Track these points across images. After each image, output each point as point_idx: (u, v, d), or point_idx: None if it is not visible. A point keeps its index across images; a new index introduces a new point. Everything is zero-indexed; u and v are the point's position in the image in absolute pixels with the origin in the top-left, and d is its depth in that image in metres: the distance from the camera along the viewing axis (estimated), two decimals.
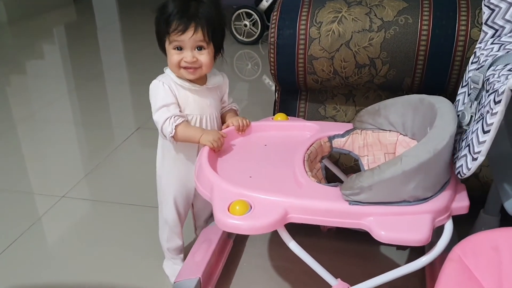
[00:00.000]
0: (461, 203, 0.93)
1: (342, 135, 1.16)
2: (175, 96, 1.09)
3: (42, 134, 2.21)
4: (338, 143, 1.15)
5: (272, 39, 1.30)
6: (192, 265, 1.18)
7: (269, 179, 1.02)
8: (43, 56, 3.55)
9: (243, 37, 3.32)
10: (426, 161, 0.85)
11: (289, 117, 1.27)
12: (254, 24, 3.29)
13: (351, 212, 0.89)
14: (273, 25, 1.31)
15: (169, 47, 1.07)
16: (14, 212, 1.62)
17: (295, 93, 1.42)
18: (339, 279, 0.98)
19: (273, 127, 1.23)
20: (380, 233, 0.85)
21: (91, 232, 1.51)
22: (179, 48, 1.06)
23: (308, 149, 1.10)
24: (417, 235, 0.84)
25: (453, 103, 1.08)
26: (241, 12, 3.28)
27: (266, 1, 3.27)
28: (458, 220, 0.97)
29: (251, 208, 0.90)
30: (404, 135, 1.11)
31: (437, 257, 0.90)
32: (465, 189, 0.97)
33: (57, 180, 1.79)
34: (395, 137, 1.12)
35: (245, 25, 3.29)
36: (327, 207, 0.90)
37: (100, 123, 2.32)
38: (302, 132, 1.20)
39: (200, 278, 1.13)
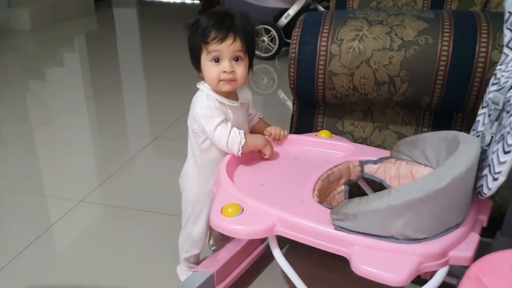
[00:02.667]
0: (463, 253, 0.87)
1: (375, 162, 1.13)
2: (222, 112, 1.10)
3: (60, 140, 2.25)
4: (370, 169, 1.14)
5: (293, 54, 1.32)
6: (212, 260, 1.20)
7: (277, 190, 1.03)
8: (63, 63, 3.62)
9: (260, 52, 3.36)
10: (415, 199, 0.81)
11: (333, 135, 1.28)
12: (272, 40, 3.33)
13: (334, 237, 0.88)
14: (294, 41, 1.33)
15: (206, 59, 1.08)
16: (32, 214, 1.64)
17: (313, 108, 1.44)
18: None
19: (309, 142, 1.24)
20: (360, 266, 0.82)
21: (106, 236, 1.53)
22: (217, 60, 1.07)
23: (330, 169, 1.09)
24: (393, 275, 0.80)
25: (472, 124, 1.09)
26: (260, 28, 3.32)
27: (285, 18, 3.31)
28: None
29: (242, 212, 0.92)
30: None
31: None
32: (478, 239, 0.91)
33: (75, 185, 1.82)
34: (428, 173, 1.07)
35: (263, 41, 3.33)
36: (313, 227, 0.89)
37: (118, 132, 2.35)
38: (336, 152, 1.20)
39: (214, 273, 1.15)
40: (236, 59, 1.08)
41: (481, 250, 1.19)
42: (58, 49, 3.82)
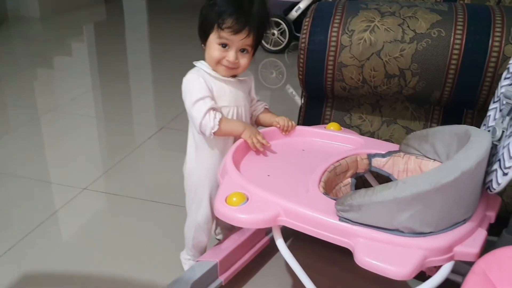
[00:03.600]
0: (469, 248, 0.85)
1: (383, 155, 1.12)
2: (210, 90, 1.08)
3: (66, 128, 2.25)
4: (377, 162, 1.12)
5: (303, 45, 1.31)
6: (216, 250, 1.19)
7: (283, 180, 1.02)
8: (71, 52, 3.62)
9: (270, 45, 3.33)
10: (422, 192, 0.79)
11: (342, 128, 1.27)
12: (282, 33, 3.31)
13: (338, 228, 0.86)
14: (304, 31, 1.31)
15: (214, 40, 1.06)
16: (36, 201, 1.64)
17: (321, 100, 1.42)
18: None
19: (317, 134, 1.22)
20: (363, 259, 0.81)
21: (109, 225, 1.52)
22: (224, 46, 1.06)
23: (338, 161, 1.08)
24: (397, 268, 0.79)
25: (482, 120, 1.07)
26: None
27: (295, 11, 3.29)
28: None
29: (246, 201, 0.91)
30: None
31: None
32: (485, 235, 0.89)
33: (80, 173, 1.81)
34: None
35: (273, 34, 3.31)
36: (317, 218, 0.88)
37: (124, 121, 2.34)
38: (345, 144, 1.19)
39: (218, 262, 1.14)
40: (243, 50, 1.07)
41: (487, 248, 1.18)
42: (66, 37, 3.82)
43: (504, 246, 1.18)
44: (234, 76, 1.13)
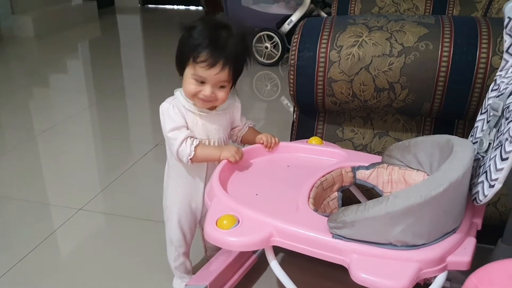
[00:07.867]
0: (461, 257, 0.86)
1: (367, 167, 1.12)
2: (184, 119, 1.09)
3: (62, 147, 2.25)
4: (362, 175, 1.13)
5: (292, 61, 1.32)
6: (204, 273, 1.18)
7: (272, 199, 1.02)
8: (67, 70, 3.63)
9: (263, 58, 3.36)
10: (414, 205, 0.80)
11: (324, 141, 1.27)
12: (275, 46, 3.33)
13: (332, 246, 0.86)
14: (293, 48, 1.32)
15: (189, 73, 1.04)
16: (32, 222, 1.64)
17: (313, 114, 1.43)
18: None
19: (301, 149, 1.22)
20: (359, 275, 0.81)
21: (106, 245, 1.52)
22: (199, 81, 1.04)
23: (323, 176, 1.08)
24: (394, 282, 0.79)
25: (471, 130, 1.08)
26: (263, 35, 3.32)
27: (288, 24, 3.32)
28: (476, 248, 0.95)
29: (238, 224, 0.90)
30: None
31: None
32: (474, 243, 0.89)
33: (76, 193, 1.81)
34: (421, 178, 1.06)
35: (266, 47, 3.34)
36: (310, 236, 0.87)
37: (120, 138, 2.35)
38: (328, 158, 1.19)
39: (207, 285, 1.13)
40: (219, 86, 1.06)
41: (483, 257, 1.18)
42: (61, 56, 3.84)
43: (500, 255, 1.19)
44: (214, 107, 1.12)
